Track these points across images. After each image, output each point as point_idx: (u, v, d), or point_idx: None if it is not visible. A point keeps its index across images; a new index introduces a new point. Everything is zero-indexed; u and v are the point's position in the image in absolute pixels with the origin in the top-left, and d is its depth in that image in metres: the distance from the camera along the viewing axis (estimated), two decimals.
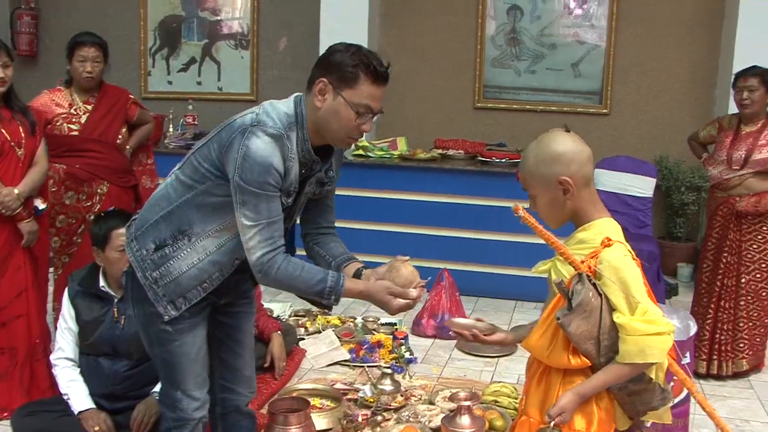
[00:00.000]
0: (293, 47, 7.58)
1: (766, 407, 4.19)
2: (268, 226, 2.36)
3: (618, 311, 2.09)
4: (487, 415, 3.70)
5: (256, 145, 2.31)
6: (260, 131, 2.33)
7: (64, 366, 3.36)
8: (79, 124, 4.37)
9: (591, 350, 2.10)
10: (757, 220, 4.43)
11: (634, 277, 2.10)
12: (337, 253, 2.70)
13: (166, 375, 2.63)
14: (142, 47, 7.86)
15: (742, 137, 4.47)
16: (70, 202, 4.40)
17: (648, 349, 2.05)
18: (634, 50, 6.96)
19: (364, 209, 6.09)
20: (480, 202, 5.92)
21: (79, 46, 4.32)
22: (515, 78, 7.18)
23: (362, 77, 2.36)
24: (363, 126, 2.42)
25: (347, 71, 2.36)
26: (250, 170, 2.30)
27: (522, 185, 2.27)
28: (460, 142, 6.45)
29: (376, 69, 2.37)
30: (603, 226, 2.20)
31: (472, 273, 6.00)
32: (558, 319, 2.07)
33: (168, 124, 7.06)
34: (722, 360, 4.55)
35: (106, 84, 4.53)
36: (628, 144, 7.02)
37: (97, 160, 4.42)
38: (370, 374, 4.35)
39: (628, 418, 2.25)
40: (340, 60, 2.37)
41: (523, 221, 2.10)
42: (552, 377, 2.22)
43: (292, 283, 2.42)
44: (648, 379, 2.16)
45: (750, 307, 4.50)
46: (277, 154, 2.33)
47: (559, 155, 2.17)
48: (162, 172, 6.40)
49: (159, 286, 2.50)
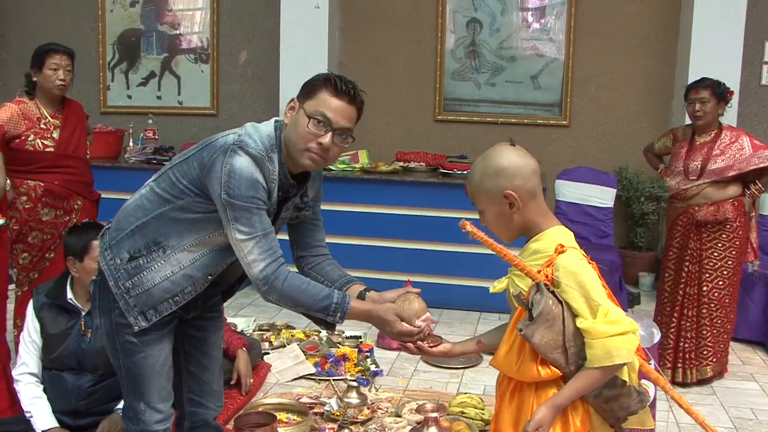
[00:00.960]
0: (253, 61, 7.57)
1: (729, 413, 4.25)
2: (264, 237, 2.34)
3: (580, 316, 2.08)
4: (454, 427, 3.70)
5: (240, 163, 2.32)
6: (242, 151, 2.33)
7: (27, 382, 3.30)
8: (53, 139, 4.33)
9: (559, 359, 2.09)
10: (717, 228, 4.50)
11: (591, 280, 2.10)
12: (335, 277, 2.70)
13: (130, 386, 2.59)
14: (100, 61, 7.79)
15: (697, 147, 4.54)
16: (48, 218, 4.34)
17: (615, 350, 2.04)
18: (592, 62, 7.05)
19: (326, 223, 6.02)
20: (442, 213, 5.94)
21: (51, 54, 4.27)
22: (475, 90, 7.23)
23: (322, 88, 2.39)
24: (321, 138, 2.38)
25: (311, 84, 2.42)
26: (237, 186, 2.30)
27: (471, 200, 2.28)
28: (422, 154, 6.47)
29: (337, 83, 2.40)
30: (555, 234, 2.20)
31: (435, 285, 6.01)
32: (521, 331, 2.05)
33: (128, 138, 6.99)
34: (686, 368, 4.60)
35: (66, 97, 4.48)
36: (588, 155, 7.10)
37: (73, 175, 4.40)
38: (336, 387, 4.32)
39: (609, 426, 2.23)
40: (310, 80, 2.44)
41: (471, 236, 2.10)
42: (524, 393, 2.19)
43: (299, 296, 2.38)
44: (621, 383, 2.15)
45: (713, 314, 4.57)
46: (260, 172, 2.34)
47: (503, 169, 2.16)
48: (123, 186, 6.38)
49: (131, 296, 2.47)
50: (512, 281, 2.22)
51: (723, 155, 4.45)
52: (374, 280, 6.11)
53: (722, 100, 4.48)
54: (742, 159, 4.43)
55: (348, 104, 2.43)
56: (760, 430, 4.06)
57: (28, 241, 4.32)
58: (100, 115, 7.62)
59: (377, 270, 6.12)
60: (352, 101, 2.44)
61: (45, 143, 4.31)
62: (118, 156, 6.79)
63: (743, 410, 4.30)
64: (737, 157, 4.43)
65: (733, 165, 4.43)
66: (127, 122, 7.21)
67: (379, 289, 2.67)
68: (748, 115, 6.74)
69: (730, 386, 4.65)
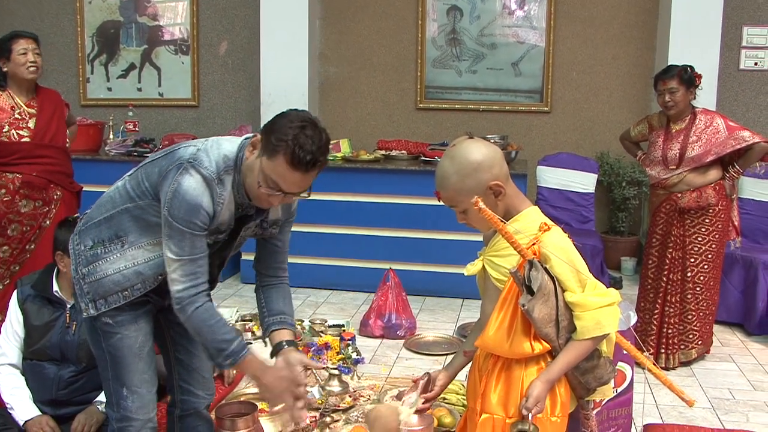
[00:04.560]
0: (234, 51, 7.55)
1: (707, 393, 4.28)
2: (190, 262, 2.37)
3: (569, 290, 2.16)
4: (436, 413, 3.72)
5: (187, 183, 2.32)
6: (194, 170, 2.34)
7: (8, 373, 3.29)
8: (28, 129, 4.29)
9: (551, 333, 2.16)
10: (700, 213, 4.52)
11: (577, 256, 2.19)
12: (275, 311, 2.70)
13: (112, 370, 2.61)
14: (80, 54, 7.75)
15: (674, 136, 4.56)
16: (27, 209, 4.32)
17: (604, 320, 2.14)
18: (573, 49, 7.07)
19: (308, 212, 6.08)
20: (424, 201, 5.94)
21: (16, 40, 4.24)
22: (456, 78, 7.24)
23: (281, 155, 2.26)
24: (270, 198, 2.37)
25: (273, 141, 2.28)
26: (178, 207, 2.32)
27: (446, 204, 2.25)
28: (403, 142, 6.48)
29: (297, 155, 2.25)
30: (532, 214, 2.25)
31: (418, 272, 6.04)
32: (523, 306, 2.10)
33: (108, 131, 6.96)
34: (669, 353, 4.63)
35: (40, 86, 4.45)
36: (570, 141, 7.13)
37: (51, 166, 4.37)
38: (318, 376, 4.33)
39: (577, 399, 2.34)
40: (278, 127, 2.30)
41: (482, 213, 2.09)
42: (513, 370, 2.24)
43: (202, 329, 2.40)
44: (598, 355, 2.25)
45: (699, 297, 4.60)
46: (207, 195, 2.34)
47: (480, 163, 2.16)
48: (104, 179, 6.35)
49: (85, 283, 2.54)
50: (492, 263, 2.25)
51: (699, 141, 4.46)
52: (357, 269, 6.15)
53: (691, 86, 4.48)
54: (718, 143, 4.44)
55: (305, 174, 2.31)
56: (737, 409, 4.10)
57: (8, 234, 4.29)
58: (80, 107, 7.60)
59: (359, 258, 6.14)
60: (311, 169, 2.31)
61: (21, 133, 4.28)
62: (98, 149, 6.77)
63: (721, 390, 4.35)
64: (714, 141, 4.44)
65: (710, 150, 4.45)
66: (108, 115, 7.21)
67: (362, 280, 2.67)
68: (728, 100, 6.78)
69: (709, 367, 4.70)
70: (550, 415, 2.21)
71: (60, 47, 7.75)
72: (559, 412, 2.23)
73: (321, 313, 5.63)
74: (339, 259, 6.24)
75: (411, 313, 5.29)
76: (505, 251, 2.20)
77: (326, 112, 7.29)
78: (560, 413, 2.24)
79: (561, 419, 2.25)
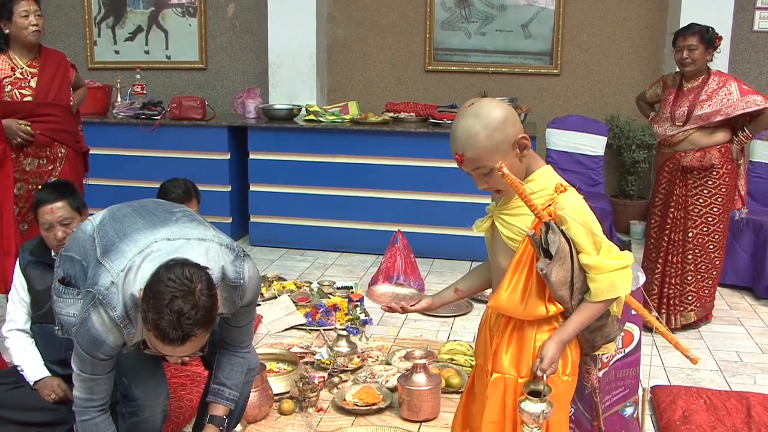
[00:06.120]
0: (241, 13, 7.49)
1: (715, 356, 4.29)
2: (89, 380, 2.40)
3: (584, 252, 2.14)
4: (444, 373, 3.74)
5: (92, 321, 2.27)
6: (102, 309, 2.26)
7: (16, 337, 3.30)
8: (30, 88, 4.28)
9: (565, 295, 2.15)
10: (702, 174, 4.49)
11: (593, 218, 2.17)
12: (218, 379, 2.71)
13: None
14: (86, 16, 7.70)
15: (685, 94, 4.52)
16: (31, 168, 4.32)
17: (618, 282, 2.13)
18: (584, 11, 6.99)
19: (317, 174, 6.08)
20: (432, 164, 5.93)
21: (18, 1, 4.20)
22: (465, 40, 7.18)
23: (151, 331, 2.12)
24: (169, 359, 2.40)
25: (144, 310, 2.13)
26: (81, 337, 2.31)
27: (470, 166, 2.15)
28: (412, 104, 6.44)
29: (167, 333, 2.09)
30: (546, 174, 2.21)
31: (426, 234, 6.04)
32: (542, 271, 2.09)
33: (116, 94, 6.95)
34: (671, 313, 4.63)
35: (43, 46, 4.43)
36: (579, 104, 7.08)
37: (55, 124, 4.35)
38: (326, 337, 4.36)
39: (581, 355, 2.34)
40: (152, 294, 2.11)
41: (505, 178, 2.05)
42: (525, 331, 2.24)
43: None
44: (607, 314, 2.26)
45: (698, 260, 4.59)
46: (114, 333, 2.28)
47: (505, 117, 2.11)
48: (111, 142, 6.36)
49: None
50: (502, 221, 2.23)
51: (710, 100, 4.42)
52: (365, 231, 6.16)
53: (710, 46, 4.44)
54: (729, 104, 4.39)
55: (180, 346, 2.14)
56: (744, 371, 4.11)
57: (14, 193, 4.30)
58: (87, 71, 7.56)
59: (368, 221, 6.14)
60: (185, 342, 2.12)
61: (23, 92, 4.26)
62: (106, 112, 6.76)
63: (729, 353, 4.35)
64: (725, 102, 4.40)
65: (720, 110, 4.40)
66: (115, 78, 7.18)
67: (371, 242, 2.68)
68: (740, 62, 6.70)
69: (717, 330, 4.70)
70: (562, 375, 2.22)
71: (67, 10, 7.71)
72: (570, 372, 2.25)
73: (329, 275, 5.65)
74: (347, 222, 6.24)
75: (419, 275, 5.29)
76: (517, 210, 2.18)
77: (334, 74, 7.25)
78: (571, 372, 2.25)
79: (572, 378, 2.26)
